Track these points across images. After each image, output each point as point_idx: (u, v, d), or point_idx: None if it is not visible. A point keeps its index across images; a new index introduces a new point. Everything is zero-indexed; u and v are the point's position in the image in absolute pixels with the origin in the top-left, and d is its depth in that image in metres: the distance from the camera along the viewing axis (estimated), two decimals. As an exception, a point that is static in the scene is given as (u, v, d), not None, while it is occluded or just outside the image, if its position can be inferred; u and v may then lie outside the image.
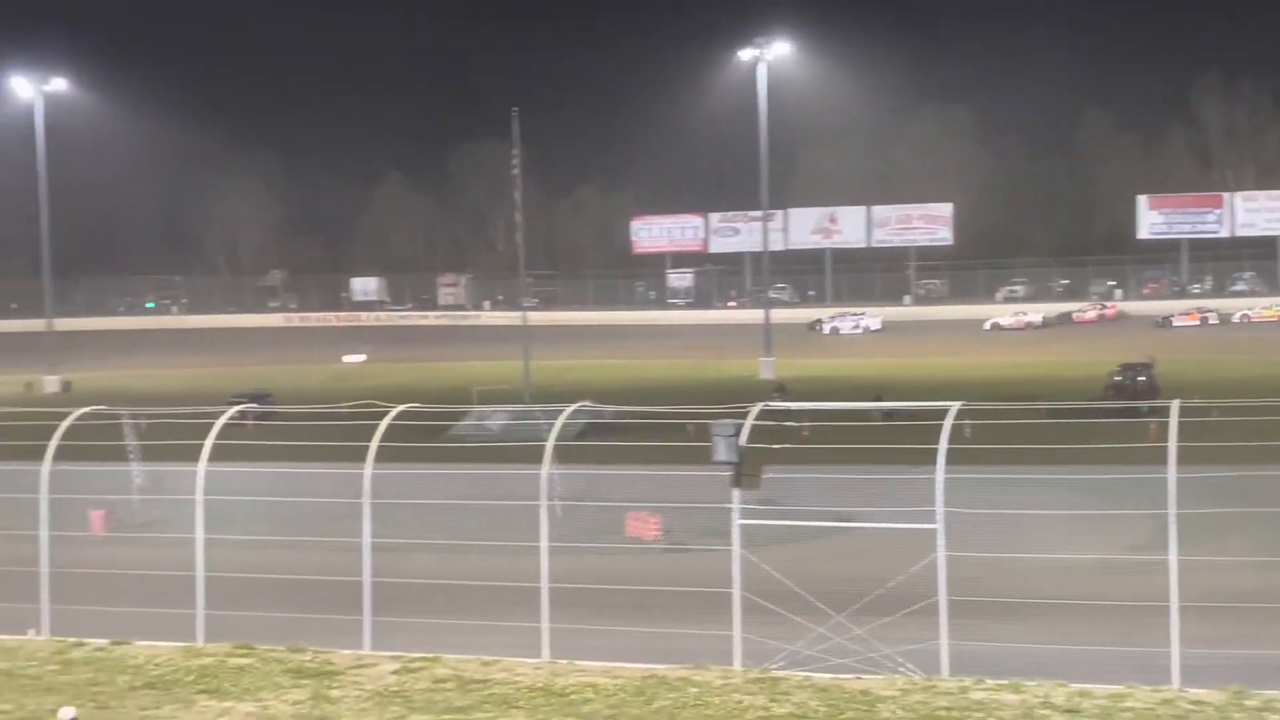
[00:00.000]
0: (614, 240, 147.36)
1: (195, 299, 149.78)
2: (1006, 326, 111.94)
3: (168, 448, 29.10)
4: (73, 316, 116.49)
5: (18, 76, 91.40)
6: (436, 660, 22.96)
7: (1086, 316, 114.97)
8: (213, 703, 21.20)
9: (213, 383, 75.07)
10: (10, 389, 76.60)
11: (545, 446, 23.69)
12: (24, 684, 22.35)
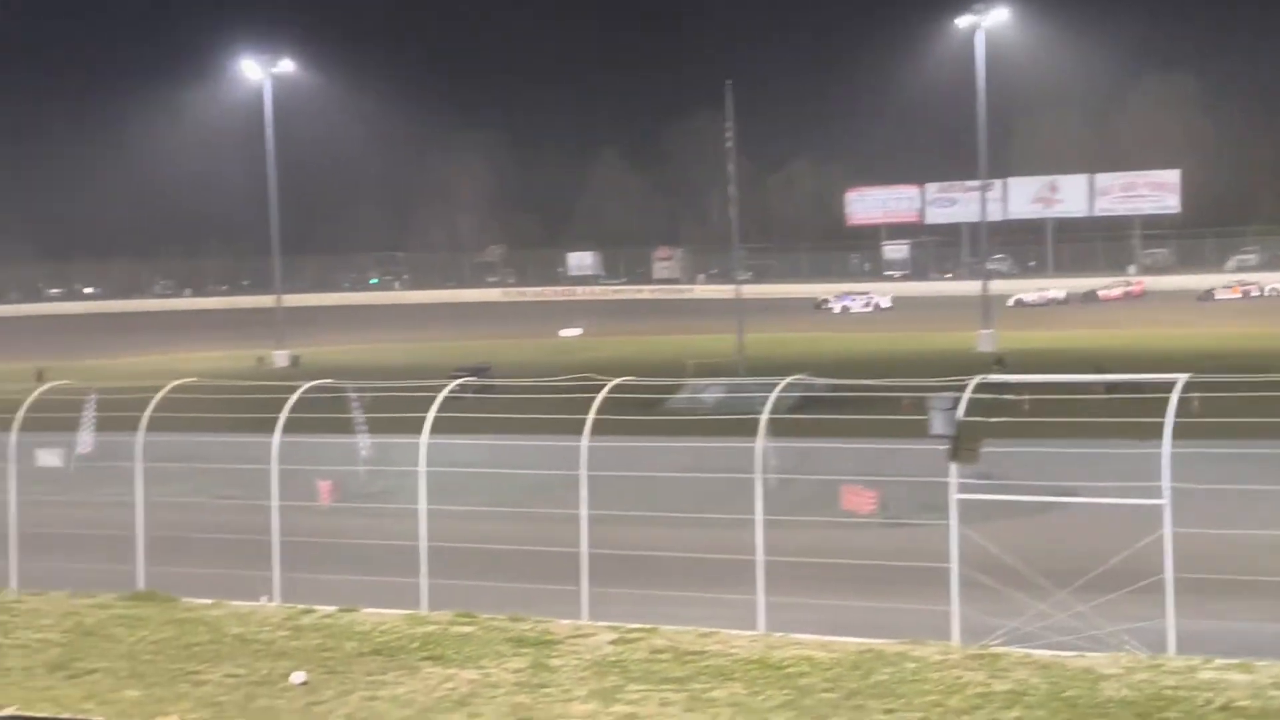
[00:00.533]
0: (828, 212, 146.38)
1: (417, 275, 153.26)
2: (1030, 303, 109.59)
3: (391, 420, 29.81)
4: (301, 293, 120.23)
5: (247, 59, 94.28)
6: (653, 631, 23.13)
7: (1112, 294, 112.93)
8: (437, 669, 21.69)
9: (434, 357, 76.63)
10: (243, 363, 79.32)
11: (760, 420, 23.66)
12: (257, 649, 23.16)
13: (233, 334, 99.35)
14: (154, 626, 24.60)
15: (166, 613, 25.55)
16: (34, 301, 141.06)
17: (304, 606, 25.55)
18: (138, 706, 19.91)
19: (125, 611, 25.73)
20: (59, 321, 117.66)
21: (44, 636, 24.20)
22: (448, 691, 20.67)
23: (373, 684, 21.09)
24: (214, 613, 25.48)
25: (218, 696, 20.68)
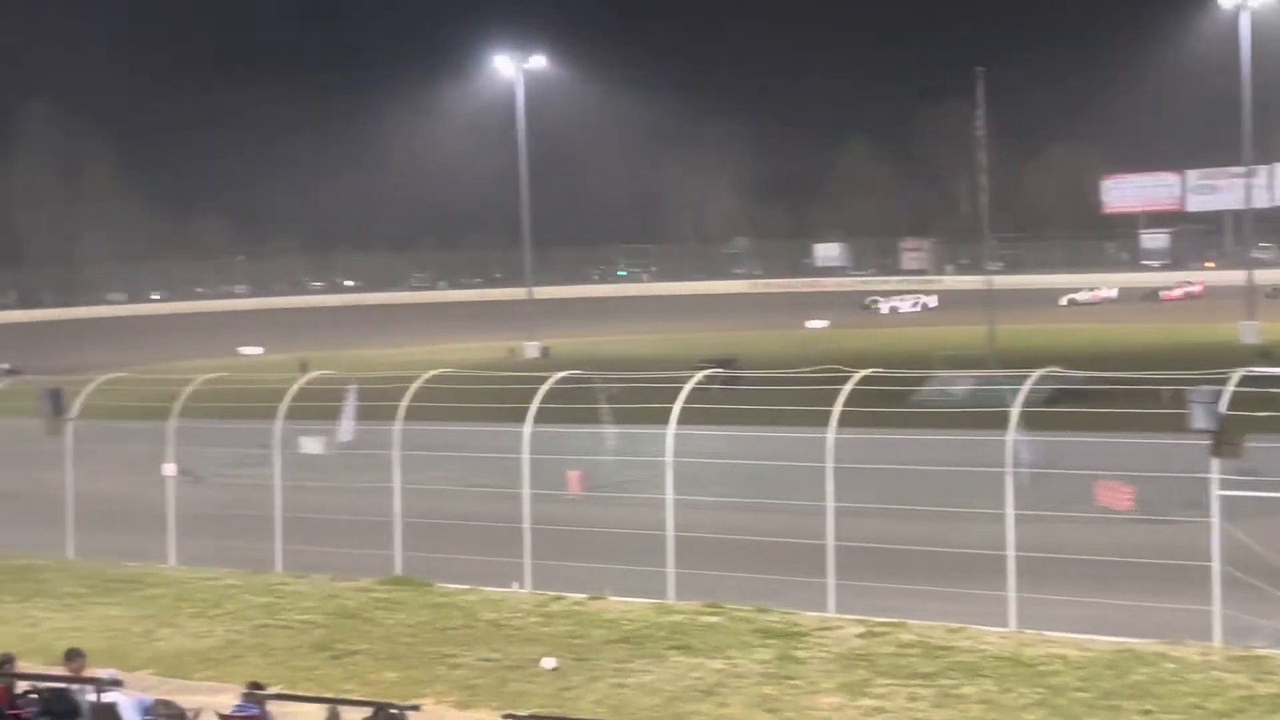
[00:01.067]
0: (1083, 200, 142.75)
1: (664, 266, 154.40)
2: (1083, 302, 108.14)
3: (639, 411, 30.07)
4: (551, 285, 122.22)
5: (500, 56, 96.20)
6: (901, 625, 22.91)
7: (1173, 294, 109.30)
8: (683, 659, 21.86)
9: (680, 348, 77.13)
10: (494, 354, 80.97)
11: (1011, 413, 23.21)
12: (509, 634, 23.67)
13: (485, 325, 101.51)
14: (411, 610, 25.33)
15: (423, 597, 26.28)
16: (298, 294, 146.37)
17: (554, 593, 26.00)
18: (396, 688, 20.52)
19: (384, 595, 26.56)
20: (321, 313, 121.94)
21: (308, 618, 25.13)
22: (695, 681, 20.80)
23: (620, 671, 21.36)
24: (468, 598, 26.11)
25: (472, 680, 21.19)
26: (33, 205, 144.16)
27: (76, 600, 27.19)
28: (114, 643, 23.78)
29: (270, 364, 73.04)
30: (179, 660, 22.85)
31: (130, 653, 23.09)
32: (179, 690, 19.61)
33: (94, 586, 28.15)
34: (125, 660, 21.87)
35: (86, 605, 26.78)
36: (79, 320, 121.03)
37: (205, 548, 29.94)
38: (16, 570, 29.94)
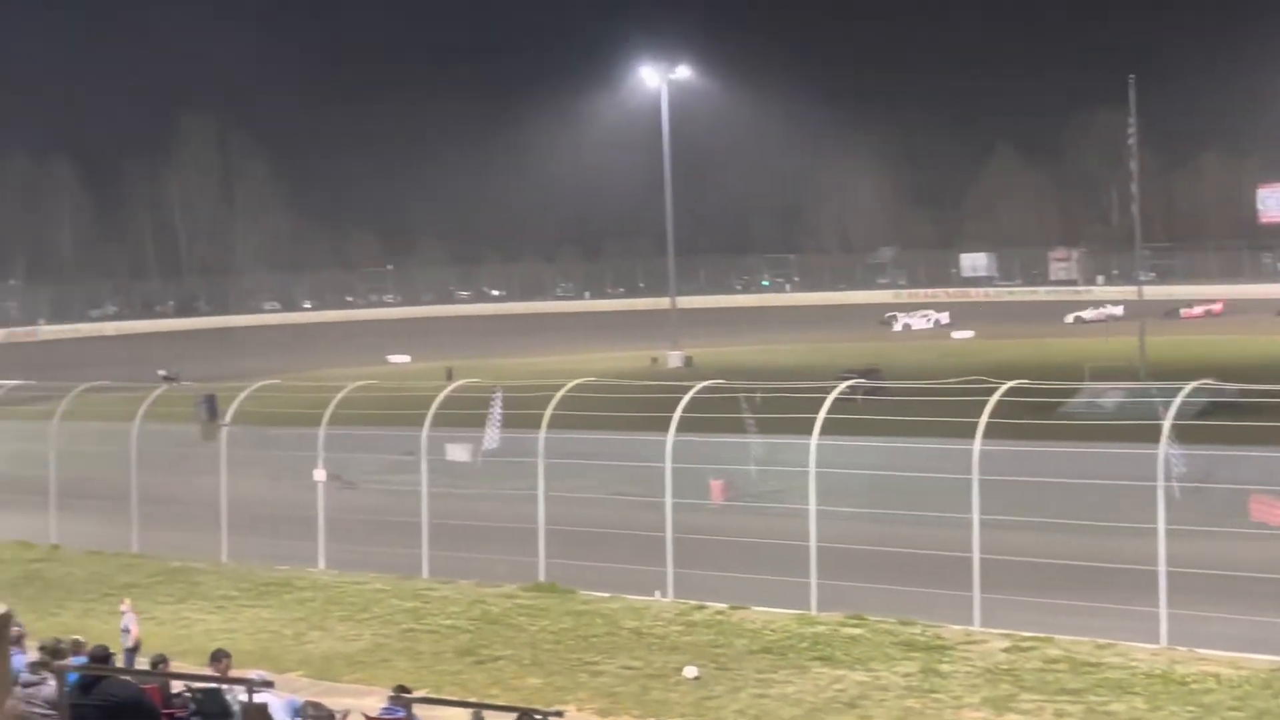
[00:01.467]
0: (1238, 209, 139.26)
1: (807, 276, 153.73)
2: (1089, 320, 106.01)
3: (782, 421, 30.01)
4: (694, 295, 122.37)
5: (646, 67, 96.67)
6: (1048, 640, 22.58)
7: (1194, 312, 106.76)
8: (826, 670, 21.76)
9: (824, 358, 76.79)
10: (637, 363, 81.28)
11: (1162, 425, 22.76)
12: (651, 642, 23.74)
13: (628, 335, 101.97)
14: (554, 617, 25.54)
15: (566, 604, 26.47)
16: (445, 303, 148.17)
17: (696, 602, 26.03)
18: (539, 694, 20.70)
19: (528, 602, 26.80)
20: (467, 322, 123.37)
21: (453, 623, 25.45)
22: (837, 693, 20.70)
23: (763, 682, 21.32)
24: (610, 605, 26.25)
25: (614, 688, 21.30)
26: (191, 217, 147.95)
27: (229, 603, 27.83)
28: (265, 645, 24.30)
29: (418, 372, 74.08)
30: (328, 663, 23.27)
31: (281, 655, 23.58)
32: (328, 692, 19.97)
33: (246, 589, 28.79)
34: (276, 662, 22.34)
35: (239, 608, 27.39)
36: (234, 329, 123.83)
37: (354, 552, 30.46)
38: (172, 572, 30.73)
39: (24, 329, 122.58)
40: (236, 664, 17.60)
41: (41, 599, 27.77)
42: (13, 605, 15.87)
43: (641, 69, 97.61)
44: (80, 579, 30.37)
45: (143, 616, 26.39)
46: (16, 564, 32.35)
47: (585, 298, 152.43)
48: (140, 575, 30.62)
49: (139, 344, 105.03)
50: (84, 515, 35.07)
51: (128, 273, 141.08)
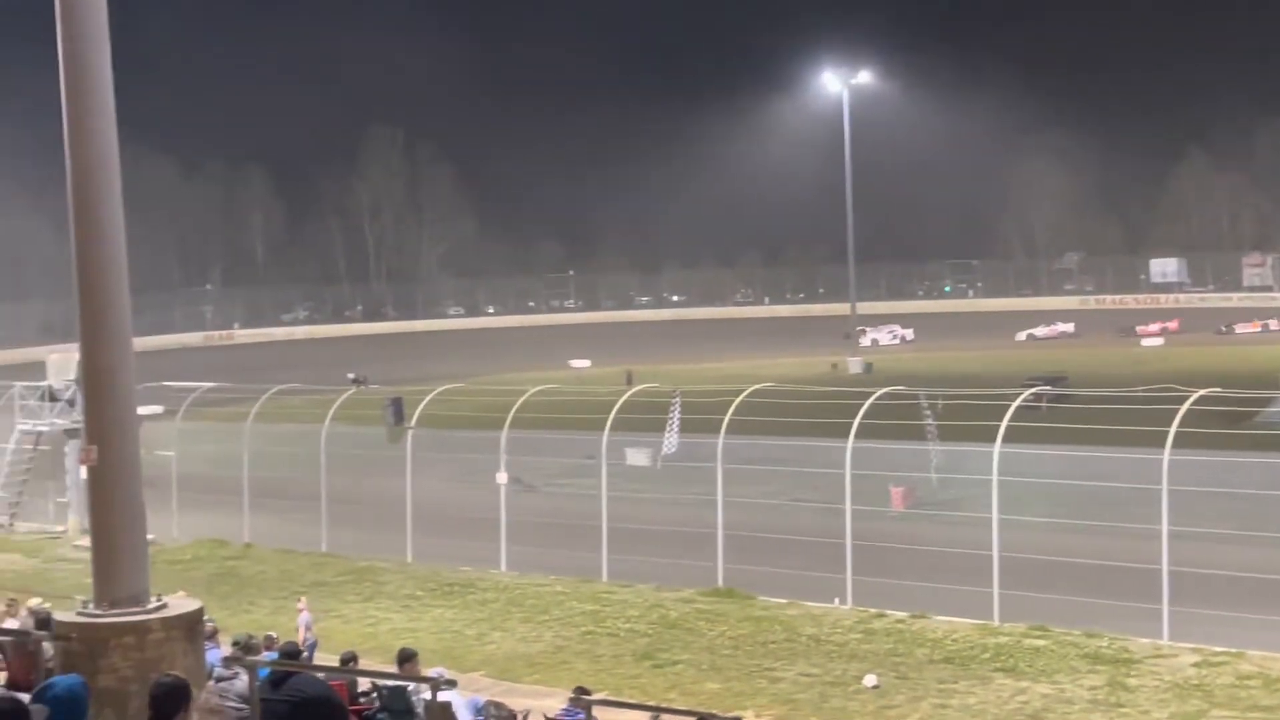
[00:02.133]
0: None
1: (991, 282, 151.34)
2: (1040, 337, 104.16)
3: (964, 428, 29.66)
4: (874, 300, 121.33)
5: (827, 72, 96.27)
6: (1240, 655, 21.95)
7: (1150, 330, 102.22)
8: (1009, 681, 21.42)
9: (1008, 365, 75.53)
10: (817, 369, 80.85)
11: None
12: (830, 650, 23.62)
13: (808, 340, 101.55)
14: (732, 623, 25.54)
15: (744, 609, 26.46)
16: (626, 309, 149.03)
17: (875, 610, 25.83)
18: (717, 699, 20.72)
19: (706, 607, 26.84)
20: (647, 328, 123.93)
21: (632, 627, 25.61)
22: (1020, 705, 20.37)
23: (943, 692, 21.07)
24: (789, 612, 26.17)
25: (793, 694, 21.23)
26: (379, 224, 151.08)
27: (414, 602, 28.35)
28: (448, 644, 24.71)
29: (598, 377, 74.63)
30: (509, 663, 23.58)
31: (464, 654, 23.95)
32: (509, 693, 20.25)
33: (431, 589, 29.30)
34: (459, 662, 22.70)
35: (424, 607, 27.89)
36: (419, 333, 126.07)
37: (534, 554, 30.82)
38: (359, 571, 31.40)
39: (220, 333, 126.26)
40: (420, 662, 17.91)
41: (235, 596, 28.60)
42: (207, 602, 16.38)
43: (823, 74, 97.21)
44: (272, 577, 31.21)
45: (330, 614, 27.10)
46: (212, 561, 33.37)
47: (765, 303, 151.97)
48: (328, 574, 31.36)
49: (328, 348, 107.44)
50: (275, 514, 36.04)
51: (318, 278, 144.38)
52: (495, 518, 32.01)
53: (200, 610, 13.08)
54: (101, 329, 12.84)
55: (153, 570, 13.61)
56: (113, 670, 11.88)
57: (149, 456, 20.27)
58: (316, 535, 34.41)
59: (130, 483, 12.94)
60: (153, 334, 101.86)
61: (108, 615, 12.28)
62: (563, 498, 34.96)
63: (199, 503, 37.17)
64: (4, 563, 34.09)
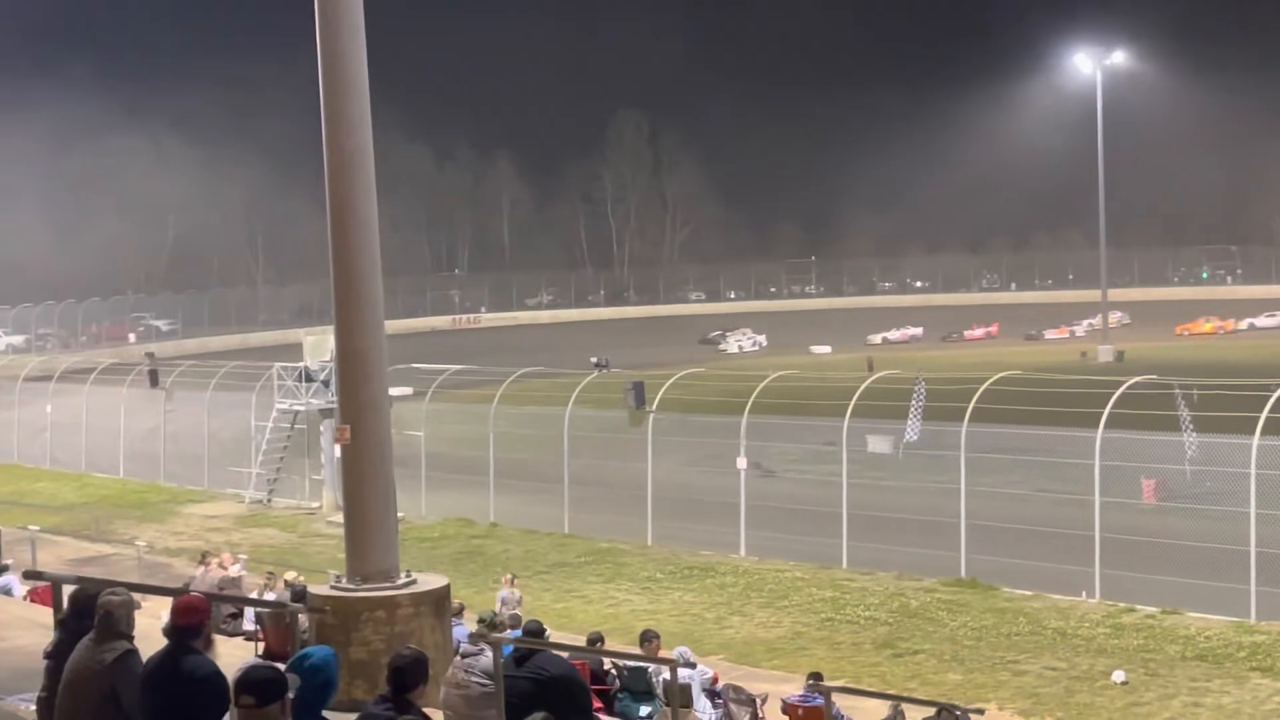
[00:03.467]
0: None
1: (1251, 268, 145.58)
2: (894, 340, 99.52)
3: (1220, 419, 28.64)
4: (1126, 287, 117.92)
5: (1079, 53, 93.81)
6: None
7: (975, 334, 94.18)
8: (1266, 681, 20.64)
9: (1271, 354, 72.66)
10: (1066, 357, 79.02)
11: None
12: (1076, 644, 23.06)
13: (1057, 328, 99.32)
14: (975, 613, 25.13)
15: (987, 601, 26.02)
16: (867, 294, 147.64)
17: (1125, 605, 25.12)
18: (959, 690, 20.42)
19: (948, 597, 26.47)
20: (890, 314, 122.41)
21: (872, 615, 25.40)
22: (1277, 705, 19.60)
23: (1196, 690, 20.40)
24: (1034, 604, 25.64)
25: (1037, 688, 20.80)
26: (623, 210, 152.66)
27: (654, 584, 28.60)
28: (688, 627, 24.86)
29: (839, 363, 74.18)
30: (748, 648, 23.61)
31: (703, 638, 24.06)
32: (747, 677, 20.28)
33: (670, 572, 29.51)
34: (698, 645, 22.80)
35: (663, 590, 28.11)
36: (661, 318, 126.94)
37: (774, 540, 30.79)
38: (601, 553, 31.81)
39: (467, 316, 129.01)
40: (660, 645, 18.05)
41: (481, 574, 29.24)
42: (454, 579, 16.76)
43: (1075, 55, 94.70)
44: (516, 556, 31.82)
45: (572, 595, 27.55)
46: (459, 539, 34.18)
47: (1011, 289, 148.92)
48: (570, 554, 31.84)
49: (572, 332, 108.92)
50: (519, 495, 36.73)
51: (563, 263, 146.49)
52: (735, 502, 32.07)
53: (447, 587, 13.41)
54: (356, 313, 13.26)
55: (402, 547, 14.00)
56: (364, 643, 12.28)
57: (399, 436, 20.84)
58: (559, 516, 34.95)
59: (382, 461, 13.33)
60: (404, 317, 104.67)
61: (360, 590, 12.69)
62: (802, 483, 34.83)
63: (446, 482, 38.11)
64: (262, 537, 35.48)
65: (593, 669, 16.24)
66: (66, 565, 28.66)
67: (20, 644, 13.49)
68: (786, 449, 36.59)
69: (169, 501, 41.78)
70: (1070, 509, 27.96)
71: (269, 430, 41.52)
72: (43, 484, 45.92)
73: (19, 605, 18.74)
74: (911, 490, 32.28)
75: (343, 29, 13.15)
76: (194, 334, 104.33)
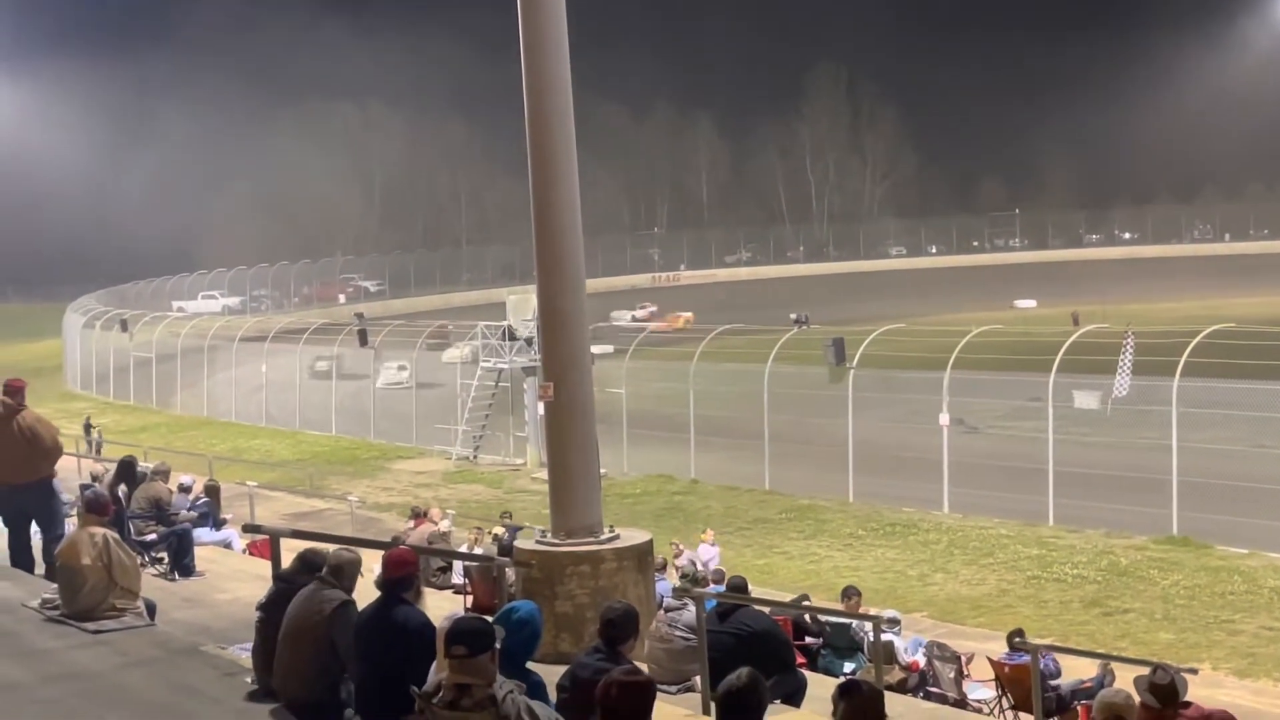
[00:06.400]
0: None
1: None
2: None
3: None
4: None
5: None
6: None
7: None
8: None
9: None
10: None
11: None
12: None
13: (1271, 279, 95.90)
14: (1187, 572, 24.51)
15: (1199, 559, 25.36)
16: (1073, 247, 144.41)
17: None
18: (1170, 650, 19.96)
19: (1158, 554, 25.86)
20: (1096, 266, 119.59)
21: (1080, 573, 24.93)
22: None
23: None
24: (1250, 563, 24.91)
25: (1253, 648, 20.23)
26: (822, 165, 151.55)
27: (855, 541, 28.48)
28: (890, 584, 24.73)
29: (1043, 317, 72.75)
30: (952, 605, 23.39)
31: (906, 594, 23.92)
32: (952, 634, 20.11)
33: (872, 529, 29.35)
34: (901, 602, 22.69)
35: (865, 546, 27.99)
36: (861, 273, 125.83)
37: (977, 497, 30.41)
38: (802, 509, 31.77)
39: (666, 274, 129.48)
40: (863, 601, 17.99)
41: (684, 530, 29.42)
42: (657, 535, 16.92)
43: None
44: (717, 512, 31.96)
45: (773, 551, 27.61)
46: (661, 495, 34.45)
47: (1225, 240, 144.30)
48: (771, 511, 31.87)
49: (770, 288, 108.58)
50: (719, 451, 36.85)
51: (761, 219, 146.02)
52: (937, 459, 31.73)
53: (650, 542, 13.55)
54: (557, 272, 13.42)
55: (604, 503, 14.17)
56: (569, 597, 12.47)
57: (601, 394, 21.06)
58: (759, 472, 34.98)
59: (584, 418, 13.50)
60: (605, 275, 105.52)
61: (564, 544, 12.88)
62: (1006, 440, 34.31)
63: (647, 439, 38.41)
64: (469, 493, 36.21)
65: (796, 624, 16.27)
66: (283, 520, 29.64)
67: (241, 595, 14.01)
68: (990, 405, 36.06)
69: (379, 458, 42.88)
70: None
71: (474, 388, 42.30)
72: (259, 441, 47.48)
73: (239, 558, 19.46)
74: (1120, 446, 31.58)
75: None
76: (400, 294, 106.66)
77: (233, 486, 30.43)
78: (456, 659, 6.64)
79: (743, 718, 6.34)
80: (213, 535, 20.63)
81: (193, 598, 14.51)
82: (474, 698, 6.56)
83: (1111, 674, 14.69)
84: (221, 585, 15.37)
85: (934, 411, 32.29)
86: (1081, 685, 14.93)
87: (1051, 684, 14.83)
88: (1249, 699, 17.56)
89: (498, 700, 6.51)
